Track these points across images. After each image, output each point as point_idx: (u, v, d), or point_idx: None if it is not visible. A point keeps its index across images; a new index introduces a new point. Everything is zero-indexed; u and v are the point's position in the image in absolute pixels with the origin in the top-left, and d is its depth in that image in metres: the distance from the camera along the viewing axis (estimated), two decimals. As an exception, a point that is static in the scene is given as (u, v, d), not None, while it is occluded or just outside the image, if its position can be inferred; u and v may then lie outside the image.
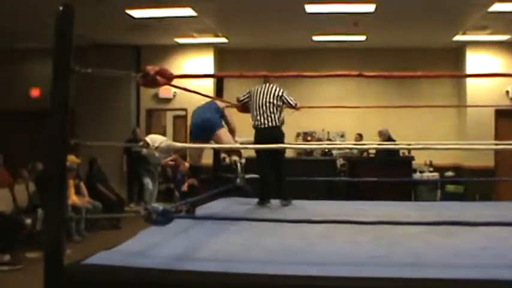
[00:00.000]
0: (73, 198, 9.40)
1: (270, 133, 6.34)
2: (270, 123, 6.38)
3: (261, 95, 6.42)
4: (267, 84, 6.51)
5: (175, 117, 15.88)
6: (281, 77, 6.77)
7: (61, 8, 3.06)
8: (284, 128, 6.58)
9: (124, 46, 13.69)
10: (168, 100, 13.93)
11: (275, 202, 6.27)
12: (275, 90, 6.50)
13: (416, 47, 13.37)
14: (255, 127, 6.41)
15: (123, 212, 11.39)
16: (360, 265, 3.22)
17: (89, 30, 11.73)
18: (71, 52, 3.08)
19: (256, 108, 6.41)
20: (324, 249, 3.72)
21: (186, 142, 7.26)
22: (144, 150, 3.59)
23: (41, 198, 8.93)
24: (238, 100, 6.51)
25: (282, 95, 6.51)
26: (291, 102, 6.60)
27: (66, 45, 3.08)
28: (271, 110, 6.42)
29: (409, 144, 9.64)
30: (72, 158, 9.47)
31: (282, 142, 6.54)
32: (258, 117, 6.37)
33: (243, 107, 6.72)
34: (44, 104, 12.57)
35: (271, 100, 6.43)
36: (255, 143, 6.21)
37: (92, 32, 12.06)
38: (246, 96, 6.51)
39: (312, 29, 12.00)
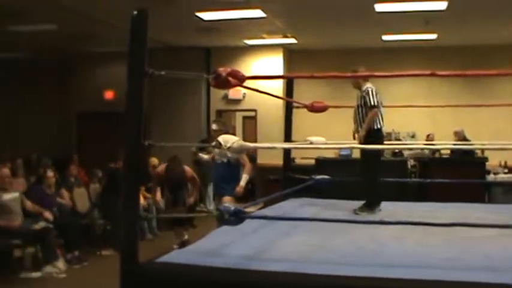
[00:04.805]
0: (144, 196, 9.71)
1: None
2: None
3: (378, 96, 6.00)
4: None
5: (245, 118, 16.02)
6: (352, 77, 6.60)
7: (135, 12, 3.15)
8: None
9: (194, 48, 13.90)
10: (237, 101, 14.03)
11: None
12: None
13: (489, 44, 12.99)
14: (380, 129, 5.98)
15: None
16: (431, 267, 3.17)
17: (160, 33, 11.96)
18: (145, 55, 3.16)
19: (381, 110, 5.98)
20: (394, 251, 3.68)
21: (255, 142, 7.30)
22: (216, 150, 3.67)
23: (104, 197, 9.22)
24: (374, 106, 5.83)
25: None
26: None
27: (141, 49, 3.17)
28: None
29: (483, 145, 9.38)
30: (154, 160, 9.86)
31: None
32: (382, 119, 6.02)
33: (315, 107, 6.56)
34: (117, 106, 12.95)
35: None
36: (376, 143, 5.65)
37: (163, 35, 12.31)
38: (377, 98, 5.91)
39: (381, 29, 11.87)
